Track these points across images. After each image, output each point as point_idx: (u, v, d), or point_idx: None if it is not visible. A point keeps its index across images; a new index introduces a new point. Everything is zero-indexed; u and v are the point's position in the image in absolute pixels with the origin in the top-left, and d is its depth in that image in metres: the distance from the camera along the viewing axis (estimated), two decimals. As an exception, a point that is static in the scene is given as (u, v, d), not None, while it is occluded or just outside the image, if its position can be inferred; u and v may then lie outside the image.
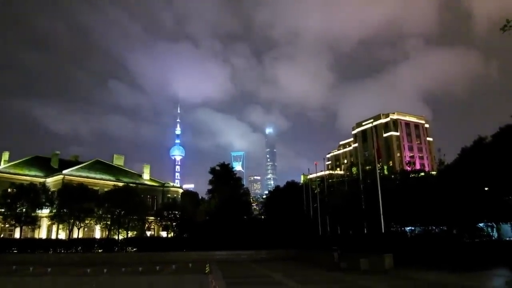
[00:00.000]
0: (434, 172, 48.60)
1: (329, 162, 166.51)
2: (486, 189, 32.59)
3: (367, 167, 47.88)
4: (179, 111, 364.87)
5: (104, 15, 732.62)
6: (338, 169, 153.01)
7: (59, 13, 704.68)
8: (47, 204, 55.87)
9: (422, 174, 45.87)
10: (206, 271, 28.43)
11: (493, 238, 33.78)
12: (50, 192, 56.80)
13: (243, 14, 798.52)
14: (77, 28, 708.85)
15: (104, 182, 70.48)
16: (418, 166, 68.95)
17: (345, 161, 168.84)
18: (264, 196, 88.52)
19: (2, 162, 70.56)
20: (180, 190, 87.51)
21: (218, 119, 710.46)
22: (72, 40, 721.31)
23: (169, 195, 79.71)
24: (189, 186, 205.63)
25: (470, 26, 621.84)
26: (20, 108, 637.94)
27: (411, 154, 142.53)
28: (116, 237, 55.34)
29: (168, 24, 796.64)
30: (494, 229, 34.21)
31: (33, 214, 54.42)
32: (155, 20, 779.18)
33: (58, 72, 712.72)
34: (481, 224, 33.92)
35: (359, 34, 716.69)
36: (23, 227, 54.43)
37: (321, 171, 61.72)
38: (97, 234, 63.18)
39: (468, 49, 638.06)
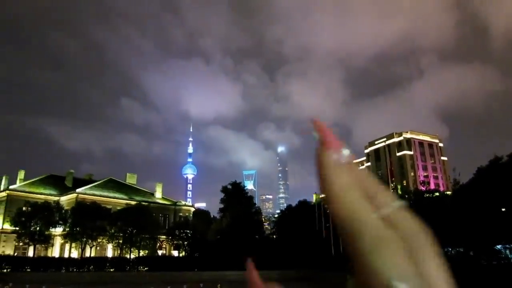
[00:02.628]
0: (449, 192, 47.84)
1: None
2: (503, 209, 31.94)
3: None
4: (191, 130, 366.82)
5: (116, 33, 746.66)
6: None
7: (72, 31, 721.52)
8: (61, 222, 56.27)
9: (437, 194, 45.23)
10: (218, 292, 28.13)
11: (512, 260, 32.90)
12: (63, 211, 57.26)
13: (254, 30, 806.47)
14: (89, 46, 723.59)
15: (117, 200, 70.85)
16: (432, 186, 68.05)
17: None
18: (276, 215, 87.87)
19: (18, 181, 71.51)
20: (192, 209, 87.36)
21: (230, 137, 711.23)
22: (84, 58, 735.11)
23: (181, 214, 79.60)
24: (201, 205, 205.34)
25: (487, 41, 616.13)
26: (34, 126, 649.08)
27: (425, 174, 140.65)
28: (128, 256, 55.30)
29: (180, 41, 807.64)
30: (513, 251, 33.36)
31: (46, 233, 54.81)
32: (167, 37, 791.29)
33: (71, 90, 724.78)
34: (498, 246, 33.11)
35: (372, 49, 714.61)
36: (37, 246, 54.77)
37: (334, 190, 61.26)
38: (109, 252, 63.12)
39: (485, 65, 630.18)
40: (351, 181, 0.53)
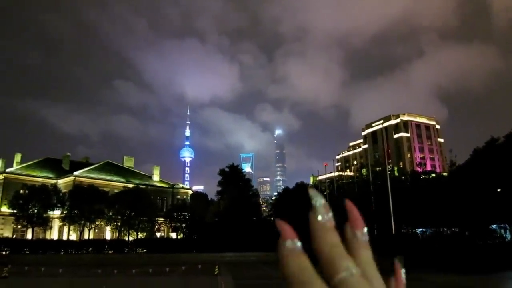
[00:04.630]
0: (445, 174, 48.10)
1: (339, 163, 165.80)
2: (498, 190, 32.15)
3: (377, 169, 47.58)
4: (188, 113, 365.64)
5: (109, 12, 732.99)
6: (348, 170, 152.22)
7: (64, 11, 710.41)
8: (59, 205, 56.41)
9: (433, 175, 45.46)
10: (216, 273, 28.41)
11: (506, 240, 33.28)
12: (61, 194, 57.34)
13: (250, 8, 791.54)
14: (82, 27, 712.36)
15: (114, 183, 70.97)
16: (429, 168, 68.37)
17: (355, 162, 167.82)
18: (274, 198, 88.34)
19: (14, 164, 71.39)
20: (190, 192, 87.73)
21: (227, 119, 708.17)
22: (77, 39, 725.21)
23: (179, 197, 79.97)
24: (199, 188, 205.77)
25: (488, 20, 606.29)
26: (28, 109, 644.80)
27: (422, 155, 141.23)
28: (126, 238, 55.69)
29: (174, 20, 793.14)
30: (507, 231, 33.70)
31: (44, 215, 54.99)
32: (161, 16, 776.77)
33: (64, 72, 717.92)
34: (493, 226, 33.45)
35: (372, 29, 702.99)
36: (35, 228, 55.01)
37: (331, 172, 61.51)
38: (108, 235, 63.57)
39: (486, 44, 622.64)
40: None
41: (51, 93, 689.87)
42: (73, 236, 58.78)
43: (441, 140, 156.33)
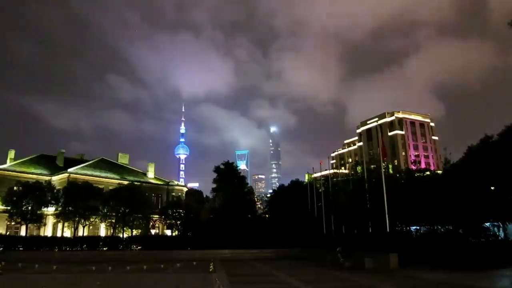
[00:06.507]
0: (440, 171, 48.31)
1: (334, 161, 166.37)
2: (492, 188, 32.34)
3: (372, 166, 47.64)
4: (183, 110, 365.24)
5: (101, 4, 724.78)
6: (343, 168, 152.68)
7: (56, 4, 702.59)
8: (53, 202, 56.08)
9: (428, 173, 45.60)
10: (210, 270, 28.44)
11: (500, 238, 33.48)
12: (55, 190, 56.99)
13: (245, 1, 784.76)
14: (74, 19, 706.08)
15: (109, 180, 70.73)
16: (423, 165, 68.62)
17: (350, 160, 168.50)
18: (269, 195, 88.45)
19: (8, 160, 71.00)
20: (185, 189, 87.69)
21: (222, 115, 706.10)
22: (69, 32, 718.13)
23: (174, 194, 79.87)
24: (194, 185, 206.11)
25: (486, 15, 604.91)
26: (20, 104, 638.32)
27: (417, 153, 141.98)
28: (121, 235, 55.54)
29: (168, 13, 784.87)
30: (501, 229, 33.90)
31: (38, 212, 54.63)
32: (154, 8, 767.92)
33: (57, 66, 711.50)
34: (487, 224, 33.63)
35: (369, 23, 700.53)
36: (29, 225, 54.72)
37: (326, 170, 61.61)
38: (102, 232, 63.45)
39: (484, 40, 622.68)
40: None
41: (44, 88, 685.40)
42: (67, 233, 58.47)
43: (436, 137, 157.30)
